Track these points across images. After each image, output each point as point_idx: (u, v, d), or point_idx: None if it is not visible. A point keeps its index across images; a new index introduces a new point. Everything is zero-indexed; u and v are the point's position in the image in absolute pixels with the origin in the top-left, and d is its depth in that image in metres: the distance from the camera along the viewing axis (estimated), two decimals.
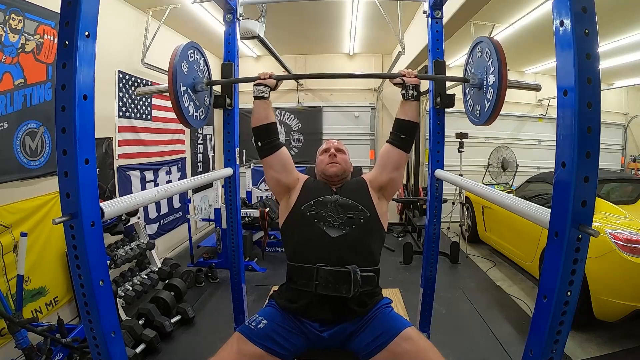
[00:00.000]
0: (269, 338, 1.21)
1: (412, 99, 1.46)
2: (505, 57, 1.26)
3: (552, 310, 0.77)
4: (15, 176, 2.18)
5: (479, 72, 1.40)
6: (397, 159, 1.48)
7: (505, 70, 1.24)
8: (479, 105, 1.42)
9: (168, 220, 4.16)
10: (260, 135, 1.48)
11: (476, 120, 1.45)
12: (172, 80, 1.38)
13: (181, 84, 1.42)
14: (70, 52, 0.76)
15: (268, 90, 1.50)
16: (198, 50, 1.58)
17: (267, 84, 1.49)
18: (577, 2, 0.70)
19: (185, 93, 1.46)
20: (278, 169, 1.49)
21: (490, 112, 1.32)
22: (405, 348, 1.15)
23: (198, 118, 1.59)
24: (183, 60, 1.44)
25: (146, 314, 2.52)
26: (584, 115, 0.70)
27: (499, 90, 1.25)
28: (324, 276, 1.24)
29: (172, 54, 1.41)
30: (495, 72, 1.27)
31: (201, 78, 1.57)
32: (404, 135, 1.46)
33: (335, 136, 5.35)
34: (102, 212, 0.83)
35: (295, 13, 3.93)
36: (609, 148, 6.25)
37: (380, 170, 1.50)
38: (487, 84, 1.33)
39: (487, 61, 1.33)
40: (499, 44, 1.29)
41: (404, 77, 1.46)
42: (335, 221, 1.35)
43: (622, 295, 2.30)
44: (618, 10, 3.08)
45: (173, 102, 1.40)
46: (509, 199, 1.01)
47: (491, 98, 1.30)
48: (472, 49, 1.47)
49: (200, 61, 1.60)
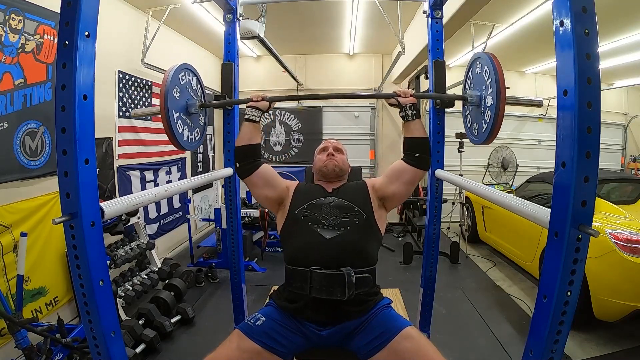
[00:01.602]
0: (267, 335, 1.21)
1: (413, 118, 1.39)
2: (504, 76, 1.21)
3: (552, 310, 0.77)
4: (15, 176, 2.18)
5: (478, 89, 1.35)
6: (411, 175, 1.41)
7: (503, 93, 1.18)
8: (477, 124, 1.38)
9: (168, 220, 4.16)
10: (242, 156, 1.42)
11: (475, 139, 1.41)
12: (165, 109, 1.34)
13: (173, 110, 1.38)
14: (70, 52, 0.76)
15: (260, 114, 1.43)
16: (190, 71, 1.53)
17: (259, 107, 1.43)
18: (577, 2, 0.70)
19: (179, 119, 1.42)
20: (261, 185, 1.44)
21: (488, 134, 1.28)
22: (405, 346, 1.15)
23: (193, 140, 1.56)
24: (174, 86, 1.40)
25: (146, 314, 2.52)
26: (584, 115, 0.70)
27: (497, 114, 1.20)
28: (317, 279, 1.24)
29: (163, 80, 1.37)
30: (493, 94, 1.22)
31: (194, 100, 1.53)
32: (417, 153, 1.38)
33: (335, 136, 5.35)
34: (102, 212, 0.83)
35: (295, 13, 3.93)
36: (609, 148, 6.25)
37: (388, 181, 1.44)
38: (485, 105, 1.29)
39: (486, 80, 1.28)
40: (497, 63, 1.23)
41: (399, 98, 1.40)
42: (329, 223, 1.35)
43: (622, 295, 2.30)
44: (618, 10, 3.08)
45: (166, 129, 1.37)
46: (509, 199, 1.01)
47: (489, 120, 1.26)
48: (472, 63, 1.41)
49: (193, 81, 1.55)
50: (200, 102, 1.57)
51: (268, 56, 4.92)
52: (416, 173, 1.41)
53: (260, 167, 1.44)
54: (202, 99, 1.61)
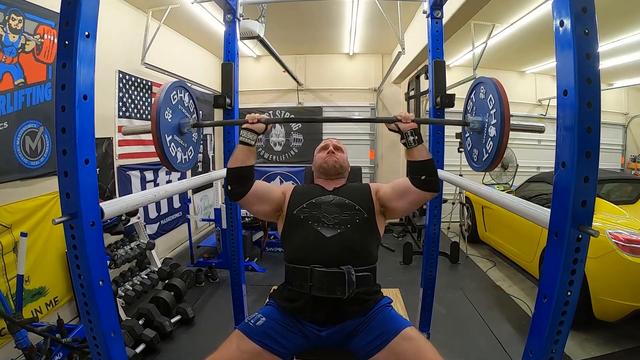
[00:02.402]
0: (267, 335, 1.21)
1: (415, 144, 1.30)
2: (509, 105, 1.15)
3: (552, 310, 0.77)
4: (15, 176, 2.18)
5: (480, 114, 1.30)
6: (417, 197, 1.34)
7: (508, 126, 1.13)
8: (477, 150, 1.34)
9: (168, 220, 4.16)
10: (234, 178, 1.34)
11: (475, 165, 1.35)
12: (157, 134, 1.28)
13: (166, 134, 1.33)
14: (70, 52, 0.76)
15: (255, 137, 1.34)
16: (182, 88, 1.46)
17: (254, 129, 1.33)
18: (577, 2, 0.70)
19: (172, 142, 1.38)
20: (256, 202, 1.40)
21: (489, 164, 1.23)
22: (405, 347, 1.15)
23: (187, 160, 1.50)
24: (166, 108, 1.34)
25: (146, 314, 2.52)
26: (584, 115, 0.70)
27: (499, 145, 1.16)
28: (318, 278, 1.24)
29: (153, 103, 1.31)
30: (497, 126, 1.16)
31: (187, 119, 1.47)
32: (423, 176, 1.30)
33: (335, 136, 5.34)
34: (102, 212, 0.83)
35: (295, 13, 3.93)
36: (609, 148, 6.25)
37: (393, 196, 1.40)
38: (488, 135, 1.24)
39: (490, 109, 1.22)
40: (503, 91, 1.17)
41: (399, 124, 1.32)
42: (329, 221, 1.35)
43: (622, 295, 2.30)
44: (618, 10, 3.08)
45: (159, 154, 1.31)
46: (509, 199, 1.02)
47: (490, 151, 1.22)
48: (474, 87, 1.36)
49: (185, 98, 1.48)
50: (194, 120, 1.50)
51: (268, 56, 4.92)
52: (424, 196, 1.34)
53: (252, 187, 1.37)
54: (195, 116, 1.54)
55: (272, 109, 5.75)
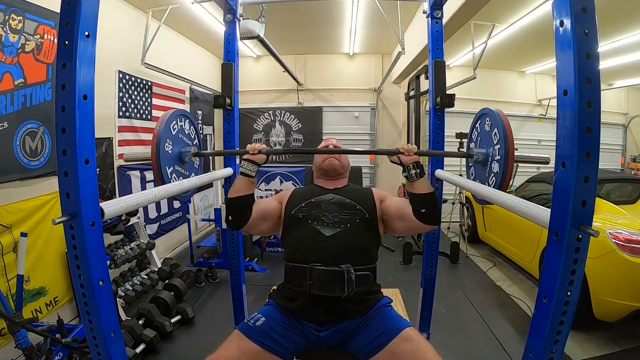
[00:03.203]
0: (266, 336, 1.21)
1: (418, 177, 1.30)
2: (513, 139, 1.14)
3: (552, 310, 0.77)
4: (15, 176, 2.18)
5: (484, 146, 1.29)
6: (416, 226, 1.33)
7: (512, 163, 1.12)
8: (479, 180, 1.34)
9: (168, 220, 4.16)
10: (234, 208, 1.34)
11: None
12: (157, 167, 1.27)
13: (167, 167, 1.32)
14: (70, 52, 0.76)
15: (256, 169, 1.34)
16: (182, 117, 1.45)
17: (255, 160, 1.34)
18: (577, 2, 0.70)
19: (173, 173, 1.36)
20: (257, 225, 1.40)
21: None
22: (404, 348, 1.15)
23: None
24: (165, 139, 1.33)
25: (146, 314, 2.52)
26: (584, 115, 0.70)
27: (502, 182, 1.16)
28: (317, 276, 1.24)
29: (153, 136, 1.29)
30: (500, 162, 1.15)
31: (188, 147, 1.46)
32: (423, 209, 1.29)
33: (335, 136, 5.34)
34: (102, 212, 0.83)
35: (295, 13, 3.93)
36: (609, 148, 6.25)
37: (394, 214, 1.39)
38: (491, 170, 1.22)
39: (494, 143, 1.20)
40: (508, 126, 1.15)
41: (401, 157, 1.32)
42: (329, 220, 1.35)
43: (622, 295, 2.30)
44: (618, 10, 3.08)
45: None
46: (509, 199, 1.01)
47: (493, 185, 1.21)
48: (480, 117, 1.35)
49: (186, 125, 1.48)
50: (195, 150, 1.50)
51: (268, 56, 4.92)
52: (422, 227, 1.33)
53: (251, 214, 1.36)
54: (197, 142, 1.53)
55: (272, 109, 5.75)
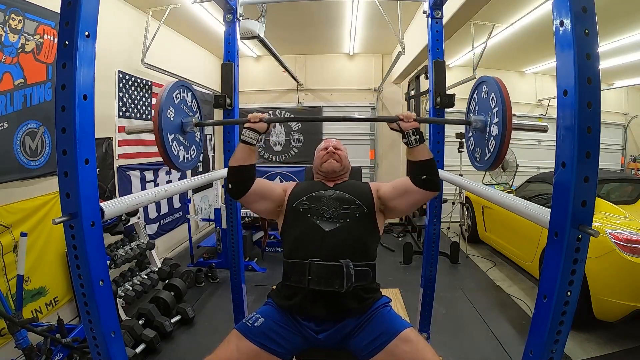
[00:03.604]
0: (265, 336, 1.21)
1: (417, 144, 1.29)
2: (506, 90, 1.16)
3: (552, 310, 0.77)
4: (15, 176, 2.18)
5: (483, 113, 1.30)
6: (418, 197, 1.34)
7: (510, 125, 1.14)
8: (479, 149, 1.34)
9: (168, 220, 4.16)
10: (234, 176, 1.34)
11: (478, 165, 1.35)
12: (159, 133, 1.28)
13: (168, 133, 1.33)
14: (70, 52, 0.76)
15: (257, 137, 1.33)
16: (185, 88, 1.46)
17: (256, 128, 1.32)
18: (577, 2, 0.70)
19: (174, 140, 1.38)
20: (258, 200, 1.40)
21: (492, 162, 1.24)
22: (403, 350, 1.14)
23: (190, 160, 1.49)
24: (168, 106, 1.34)
25: (146, 314, 2.52)
26: (584, 115, 0.70)
27: (502, 143, 1.16)
28: (316, 271, 1.23)
29: (156, 101, 1.31)
30: (499, 124, 1.17)
31: (190, 118, 1.47)
32: (424, 175, 1.30)
33: (335, 136, 5.33)
34: (102, 212, 0.83)
35: (295, 13, 3.93)
36: (609, 148, 6.25)
37: (393, 195, 1.40)
38: (490, 134, 1.24)
39: (492, 107, 1.23)
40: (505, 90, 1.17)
41: (401, 123, 1.31)
42: (329, 214, 1.34)
43: (622, 295, 2.30)
44: (618, 10, 3.08)
45: (162, 153, 1.31)
46: (509, 199, 1.02)
47: (493, 150, 1.22)
48: (477, 86, 1.36)
49: (188, 97, 1.49)
50: (196, 120, 1.50)
51: (268, 56, 4.92)
52: (424, 195, 1.33)
53: (253, 184, 1.36)
54: (198, 115, 1.54)
55: (272, 109, 5.75)
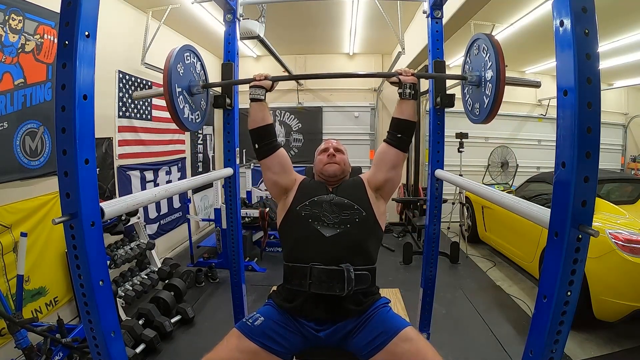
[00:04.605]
0: (265, 335, 1.21)
1: (409, 97, 1.43)
2: (503, 52, 1.24)
3: (552, 310, 0.77)
4: (15, 176, 2.18)
5: (477, 69, 1.38)
6: (393, 158, 1.46)
7: (503, 65, 1.22)
8: (477, 102, 1.40)
9: (168, 220, 4.16)
10: (258, 137, 1.47)
11: (475, 118, 1.43)
12: (167, 81, 1.36)
13: (176, 84, 1.40)
14: (70, 52, 0.76)
15: (264, 92, 1.47)
16: (194, 54, 1.55)
17: (262, 85, 1.47)
18: (577, 2, 0.70)
19: (181, 94, 1.44)
20: (277, 170, 1.48)
21: (490, 109, 1.29)
22: (404, 348, 1.14)
23: (194, 121, 1.57)
24: (179, 62, 1.42)
25: (146, 314, 2.52)
26: (584, 115, 0.70)
27: (497, 85, 1.23)
28: (317, 275, 1.24)
29: (168, 56, 1.39)
30: (493, 67, 1.25)
31: (197, 81, 1.55)
32: (400, 134, 1.45)
33: (335, 136, 5.34)
34: (102, 212, 0.83)
35: (295, 13, 3.93)
36: (609, 148, 6.24)
37: (376, 169, 1.49)
38: (485, 80, 1.31)
39: (485, 57, 1.31)
40: (496, 40, 1.27)
41: (400, 76, 1.44)
42: (330, 220, 1.35)
43: (622, 295, 2.30)
44: (618, 10, 3.07)
45: (168, 102, 1.38)
46: (509, 199, 1.01)
47: (490, 94, 1.28)
48: (470, 47, 1.44)
49: (197, 64, 1.58)
50: (203, 82, 1.59)
51: (268, 56, 4.91)
52: (397, 155, 1.46)
53: (279, 149, 1.49)
54: (205, 82, 1.62)
55: (272, 108, 5.70)
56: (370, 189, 1.47)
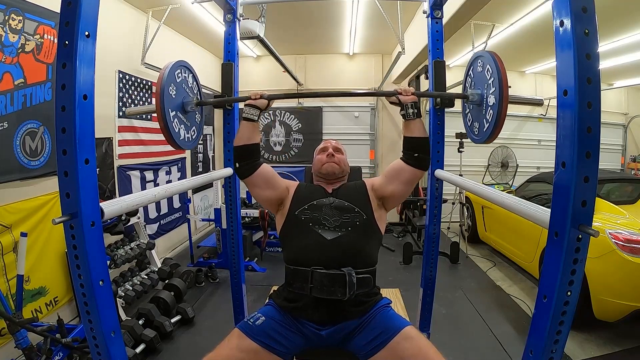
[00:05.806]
0: (266, 335, 1.21)
1: (414, 117, 1.37)
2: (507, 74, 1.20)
3: (552, 310, 0.77)
4: (15, 176, 2.18)
5: (479, 87, 1.34)
6: (410, 175, 1.40)
7: (506, 92, 1.17)
8: (478, 122, 1.37)
9: (168, 220, 4.16)
10: (239, 156, 1.40)
11: (476, 138, 1.39)
12: (161, 107, 1.31)
13: (170, 109, 1.35)
14: (70, 52, 0.76)
15: (258, 113, 1.40)
16: (186, 69, 1.50)
17: (257, 104, 1.40)
18: (577, 2, 0.70)
19: (175, 117, 1.40)
20: (262, 186, 1.43)
21: (490, 133, 1.27)
22: (405, 347, 1.14)
23: (190, 139, 1.53)
24: (170, 83, 1.38)
25: (146, 314, 2.52)
26: (584, 115, 0.70)
27: (499, 113, 1.19)
28: (318, 279, 1.24)
29: (159, 78, 1.35)
30: (495, 93, 1.20)
31: (191, 98, 1.50)
32: (416, 153, 1.37)
33: (335, 136, 5.35)
34: (102, 212, 0.83)
35: (295, 13, 3.93)
36: (609, 148, 6.24)
37: (387, 181, 1.43)
38: (487, 104, 1.27)
39: (488, 78, 1.26)
40: (500, 61, 1.22)
41: (400, 96, 1.38)
42: (330, 224, 1.35)
43: (622, 295, 2.30)
44: (618, 10, 3.07)
45: (163, 128, 1.35)
46: (509, 199, 1.01)
47: (490, 119, 1.25)
48: (472, 62, 1.40)
49: (189, 79, 1.53)
50: (197, 100, 1.55)
51: (268, 56, 4.92)
52: (415, 173, 1.40)
53: (261, 167, 1.42)
54: (198, 97, 1.58)
55: (271, 108, 5.72)
56: (373, 195, 1.45)
